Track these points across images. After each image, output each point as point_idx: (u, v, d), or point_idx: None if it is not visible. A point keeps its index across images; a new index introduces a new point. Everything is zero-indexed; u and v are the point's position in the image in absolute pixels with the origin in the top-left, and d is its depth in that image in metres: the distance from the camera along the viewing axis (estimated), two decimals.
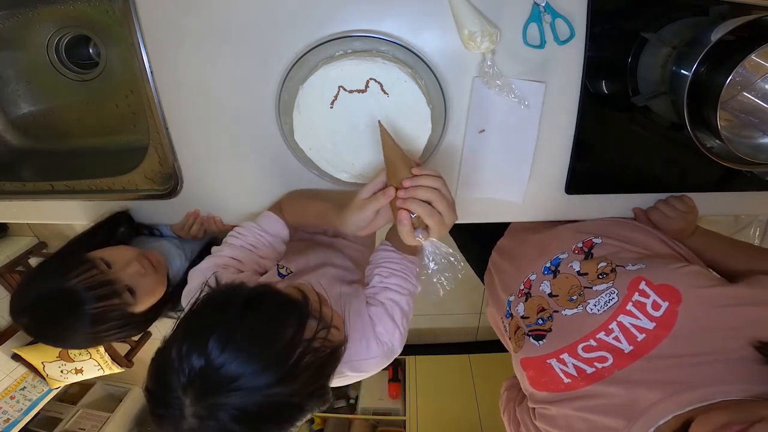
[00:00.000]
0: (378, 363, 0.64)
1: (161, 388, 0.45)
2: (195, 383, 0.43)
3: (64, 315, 0.67)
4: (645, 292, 0.59)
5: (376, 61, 0.64)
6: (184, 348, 0.44)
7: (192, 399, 0.43)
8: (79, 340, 0.70)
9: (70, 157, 1.01)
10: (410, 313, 0.68)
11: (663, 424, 0.49)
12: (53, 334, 0.70)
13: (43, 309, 0.67)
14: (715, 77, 0.58)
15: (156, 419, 0.46)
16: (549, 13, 0.63)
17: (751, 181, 0.77)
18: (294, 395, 0.47)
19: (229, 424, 0.43)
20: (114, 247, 0.77)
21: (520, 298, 0.74)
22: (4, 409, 2.34)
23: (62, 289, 0.66)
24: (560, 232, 0.78)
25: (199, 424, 0.44)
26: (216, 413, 0.43)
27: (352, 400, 2.46)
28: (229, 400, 0.43)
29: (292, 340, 0.47)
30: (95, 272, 0.69)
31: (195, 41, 0.69)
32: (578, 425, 0.57)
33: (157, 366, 0.47)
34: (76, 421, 2.68)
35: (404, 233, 0.55)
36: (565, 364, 0.61)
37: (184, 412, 0.44)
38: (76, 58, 0.97)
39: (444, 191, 0.54)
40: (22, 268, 2.36)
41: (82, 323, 0.67)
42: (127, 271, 0.73)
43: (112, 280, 0.70)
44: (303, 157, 0.74)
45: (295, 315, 0.49)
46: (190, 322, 0.49)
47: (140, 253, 0.78)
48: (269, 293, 0.51)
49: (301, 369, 0.46)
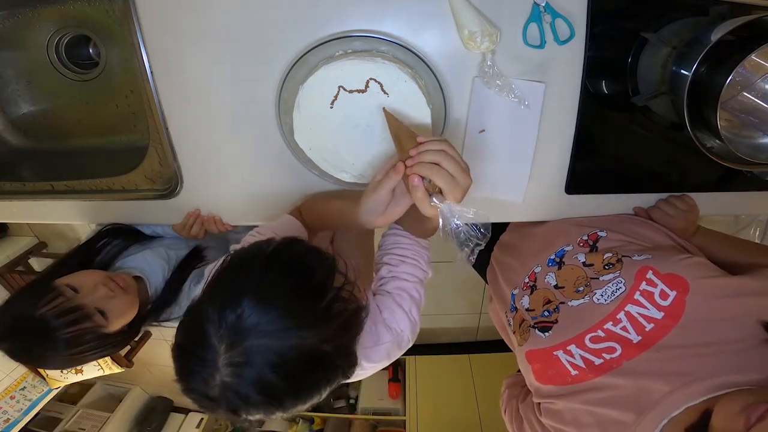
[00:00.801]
0: (388, 350, 0.62)
1: (194, 339, 0.45)
2: (230, 329, 0.43)
3: (40, 342, 0.70)
4: (652, 282, 0.59)
5: (376, 61, 0.64)
6: (218, 301, 0.44)
7: (227, 345, 0.42)
8: (58, 362, 0.73)
9: (70, 157, 1.01)
10: (421, 300, 0.66)
11: (676, 416, 0.49)
12: (33, 358, 0.74)
13: (18, 337, 0.71)
14: (715, 77, 0.58)
15: (186, 378, 0.45)
16: (549, 13, 0.63)
17: (751, 181, 0.77)
18: (326, 342, 0.46)
19: (264, 371, 0.43)
20: (80, 272, 0.79)
21: (524, 291, 0.74)
22: (4, 409, 2.34)
23: (33, 318, 0.69)
24: (564, 226, 0.78)
25: (233, 374, 0.43)
26: (252, 357, 0.42)
27: (352, 400, 2.46)
28: (265, 341, 0.43)
29: (322, 284, 0.48)
30: (62, 299, 0.71)
31: (195, 41, 0.69)
32: (586, 419, 0.56)
33: (191, 319, 0.47)
34: (76, 421, 2.68)
35: (419, 199, 0.54)
36: (572, 355, 0.60)
37: (218, 362, 0.42)
38: (76, 58, 0.97)
39: (450, 152, 0.53)
40: (22, 268, 2.36)
41: (58, 348, 0.70)
42: (95, 295, 0.75)
43: (79, 306, 0.72)
44: (303, 157, 0.74)
45: (325, 264, 0.50)
46: (222, 277, 0.49)
47: (106, 275, 0.80)
48: (299, 242, 0.52)
49: (332, 316, 0.47)
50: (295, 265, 0.48)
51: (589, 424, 0.56)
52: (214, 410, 0.46)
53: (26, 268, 2.40)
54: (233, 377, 0.43)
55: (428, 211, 0.55)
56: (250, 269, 0.48)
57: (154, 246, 0.94)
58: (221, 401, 0.44)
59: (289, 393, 0.45)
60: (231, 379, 0.43)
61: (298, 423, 2.40)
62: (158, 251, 0.92)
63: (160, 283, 0.89)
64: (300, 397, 0.47)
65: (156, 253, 0.92)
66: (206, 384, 0.43)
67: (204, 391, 0.44)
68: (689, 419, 0.48)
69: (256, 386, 0.43)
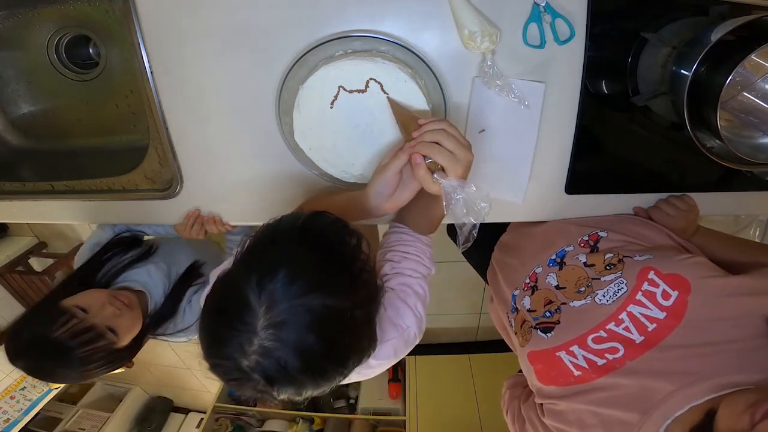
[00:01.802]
0: (395, 347, 0.61)
1: (233, 303, 0.45)
2: (269, 294, 0.43)
3: (57, 362, 0.74)
4: (654, 282, 0.59)
5: (376, 61, 0.64)
6: (256, 271, 0.45)
7: (267, 307, 0.43)
8: (71, 378, 0.78)
9: (70, 157, 1.01)
10: (426, 296, 0.66)
11: (680, 416, 0.49)
12: (47, 375, 0.77)
13: (35, 356, 0.75)
14: (715, 77, 0.58)
15: (220, 345, 0.44)
16: (549, 13, 0.63)
17: (751, 181, 0.77)
18: (357, 308, 0.47)
19: (303, 333, 0.43)
20: (85, 292, 0.82)
21: (525, 291, 0.74)
22: (4, 409, 2.34)
23: (48, 339, 0.72)
24: (565, 226, 0.78)
25: (273, 336, 0.42)
26: (291, 318, 0.43)
27: (352, 400, 2.46)
28: (304, 302, 0.43)
29: (352, 253, 0.50)
30: (75, 321, 0.75)
31: (195, 41, 0.69)
32: (589, 420, 0.56)
33: (227, 285, 0.47)
34: (76, 421, 2.69)
35: (421, 176, 0.57)
36: (575, 356, 0.60)
37: (257, 325, 0.42)
38: (76, 58, 0.97)
39: (451, 131, 0.55)
40: (22, 268, 2.36)
41: (73, 366, 0.74)
42: (104, 314, 0.79)
43: (92, 326, 0.76)
44: (303, 157, 0.74)
45: (353, 233, 0.52)
46: (256, 249, 0.50)
47: (110, 294, 0.83)
48: (326, 214, 0.54)
49: (361, 283, 0.49)
50: (326, 235, 0.50)
51: (592, 425, 0.56)
52: (245, 383, 0.45)
53: (26, 268, 2.40)
54: (273, 340, 0.42)
55: (431, 187, 0.57)
56: (283, 240, 0.49)
57: (157, 261, 0.96)
58: (256, 370, 0.43)
59: (326, 357, 0.45)
60: (270, 342, 0.42)
61: (298, 423, 2.40)
62: (160, 266, 0.95)
63: (160, 298, 0.92)
64: (333, 365, 0.47)
65: (159, 269, 0.94)
66: (242, 351, 0.43)
67: (238, 361, 0.43)
68: (693, 419, 0.48)
69: (295, 349, 0.43)
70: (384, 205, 0.63)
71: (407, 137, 0.60)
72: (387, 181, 0.60)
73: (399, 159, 0.59)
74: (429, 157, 0.56)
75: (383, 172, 0.60)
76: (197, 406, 3.26)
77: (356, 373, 0.60)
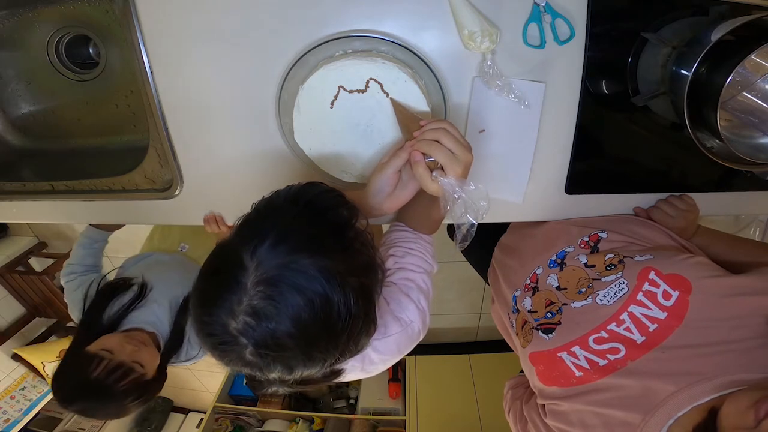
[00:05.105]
0: (398, 342, 0.60)
1: (226, 263, 0.45)
2: (262, 255, 0.43)
3: (101, 398, 0.83)
4: (655, 282, 0.59)
5: (376, 61, 0.64)
6: (248, 236, 0.46)
7: (259, 262, 0.43)
8: (118, 413, 0.88)
9: (70, 157, 1.01)
10: (429, 292, 0.66)
11: (682, 416, 0.49)
12: (97, 413, 0.88)
13: (83, 398, 0.84)
14: (715, 77, 0.58)
15: (210, 304, 0.44)
16: (549, 13, 0.63)
17: (751, 181, 0.77)
18: (351, 275, 0.46)
19: (293, 291, 0.42)
20: (102, 338, 0.90)
21: (526, 292, 0.74)
22: (4, 409, 2.34)
23: (89, 381, 0.82)
24: (565, 227, 0.78)
25: (262, 294, 0.42)
26: (283, 271, 0.43)
27: (352, 400, 2.46)
28: (296, 257, 0.43)
29: (345, 219, 0.51)
30: (106, 361, 0.84)
31: (195, 41, 0.69)
32: (591, 420, 0.56)
33: (222, 252, 0.48)
34: (76, 421, 2.69)
35: (420, 174, 0.57)
36: (576, 357, 0.60)
37: (247, 283, 0.42)
38: (76, 58, 0.97)
39: (450, 130, 0.56)
40: (22, 268, 2.36)
41: (117, 399, 0.84)
42: (126, 352, 0.87)
43: (121, 362, 0.85)
44: (303, 157, 0.74)
45: (346, 202, 0.53)
46: (251, 218, 0.50)
47: (123, 335, 0.91)
48: (319, 183, 0.54)
49: (355, 250, 0.49)
50: (318, 201, 0.51)
51: (595, 425, 0.56)
52: (232, 349, 0.43)
53: (26, 268, 2.40)
54: (262, 298, 0.42)
55: (430, 186, 0.57)
56: (277, 207, 0.50)
57: (158, 298, 1.01)
58: (244, 333, 0.42)
59: (317, 324, 0.43)
60: (259, 301, 0.42)
61: (298, 423, 2.40)
62: (162, 304, 1.00)
63: (167, 333, 1.00)
64: (324, 333, 0.44)
65: (161, 306, 1.00)
66: (231, 311, 0.42)
67: (226, 322, 0.42)
68: (696, 419, 0.48)
69: (285, 310, 0.42)
70: (383, 203, 0.63)
71: (408, 137, 0.60)
72: (386, 179, 0.61)
73: (398, 157, 0.59)
74: (428, 156, 0.56)
75: (382, 170, 0.61)
76: (197, 406, 3.26)
77: (359, 369, 0.60)
